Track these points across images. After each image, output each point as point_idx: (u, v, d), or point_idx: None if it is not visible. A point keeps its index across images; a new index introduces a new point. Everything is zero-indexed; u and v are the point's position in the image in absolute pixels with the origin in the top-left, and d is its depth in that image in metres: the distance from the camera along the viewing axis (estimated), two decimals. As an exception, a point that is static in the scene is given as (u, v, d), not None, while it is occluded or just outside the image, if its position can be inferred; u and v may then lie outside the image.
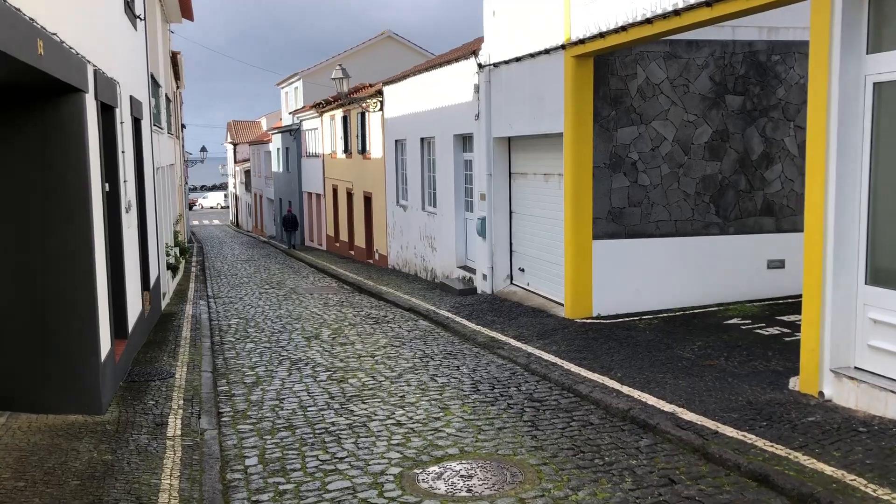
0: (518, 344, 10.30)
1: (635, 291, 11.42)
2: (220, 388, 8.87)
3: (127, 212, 9.82)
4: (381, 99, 22.75)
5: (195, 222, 63.00)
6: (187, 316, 14.18)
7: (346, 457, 6.40)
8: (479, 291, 15.20)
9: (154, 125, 14.89)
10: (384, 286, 17.97)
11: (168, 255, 17.06)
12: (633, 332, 10.28)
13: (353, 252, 28.09)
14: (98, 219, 7.42)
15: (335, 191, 30.47)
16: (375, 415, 7.56)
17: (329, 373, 9.45)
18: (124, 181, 9.68)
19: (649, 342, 9.61)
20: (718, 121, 11.47)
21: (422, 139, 19.04)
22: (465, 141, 16.50)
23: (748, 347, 8.95)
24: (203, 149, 48.55)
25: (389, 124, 21.96)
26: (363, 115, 25.28)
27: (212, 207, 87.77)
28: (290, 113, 39.95)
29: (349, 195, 28.20)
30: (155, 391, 8.21)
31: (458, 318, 12.64)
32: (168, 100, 20.74)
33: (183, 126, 43.39)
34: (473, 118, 14.95)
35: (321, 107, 31.02)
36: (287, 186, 39.58)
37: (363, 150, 25.50)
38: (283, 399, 8.29)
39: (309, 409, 7.88)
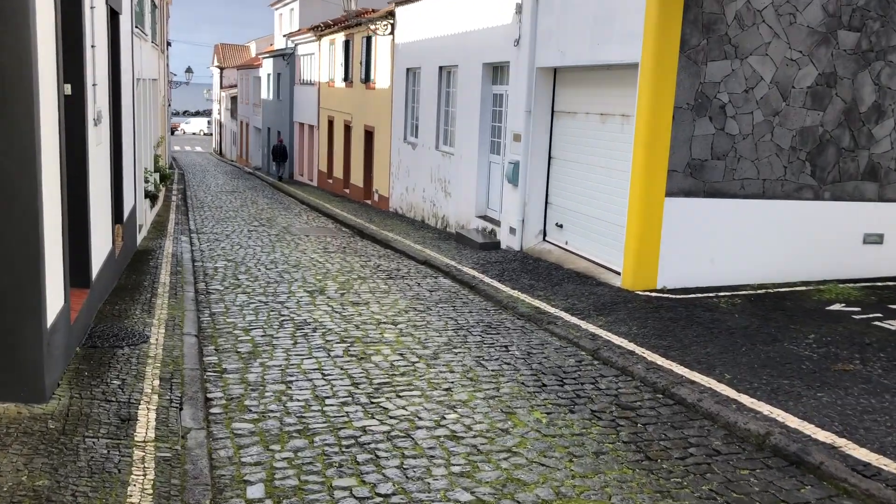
0: (573, 319, 8.40)
1: (709, 261, 9.53)
2: (206, 358, 6.92)
3: (96, 124, 7.69)
4: (391, 22, 20.38)
5: (176, 148, 60.12)
6: (167, 254, 12.12)
7: (393, 493, 4.49)
8: (503, 246, 13.25)
9: (137, 27, 12.59)
10: (389, 232, 15.96)
11: (147, 181, 14.89)
12: (716, 313, 8.41)
13: (348, 191, 25.96)
14: (49, 129, 5.33)
15: (331, 123, 28.15)
16: (419, 418, 5.65)
17: (345, 345, 7.51)
18: (93, 84, 7.52)
19: (745, 329, 7.74)
20: (826, 61, 9.44)
21: (440, 68, 16.81)
22: (496, 72, 14.33)
23: (882, 347, 7.11)
24: (189, 69, 45.60)
25: (401, 51, 19.65)
26: (369, 39, 22.88)
27: (194, 133, 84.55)
28: (284, 36, 37.18)
29: (347, 128, 25.92)
30: (122, 364, 6.23)
31: (486, 279, 10.71)
32: (154, 5, 18.27)
33: (168, 43, 40.51)
34: (512, 44, 12.78)
35: (320, 30, 28.48)
36: (277, 115, 37.08)
37: (367, 80, 23.17)
38: (291, 382, 6.35)
39: (328, 401, 5.94)
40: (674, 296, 9.24)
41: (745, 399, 5.88)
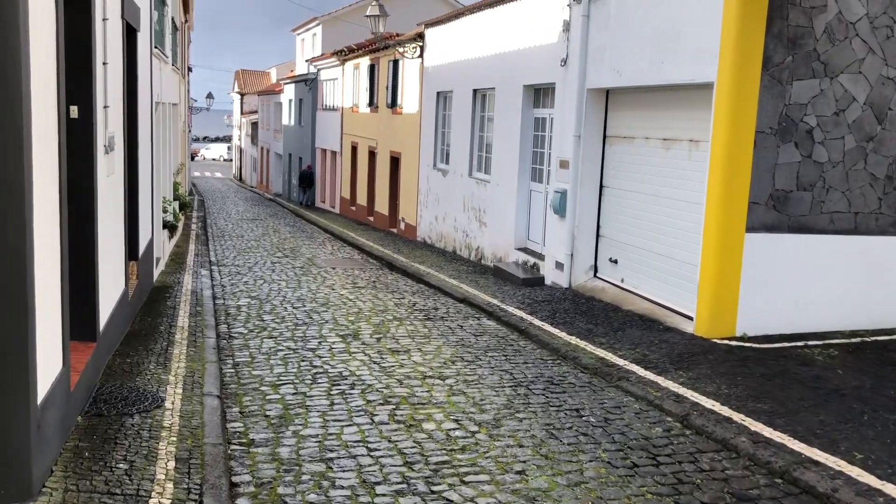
0: (648, 374, 7.32)
1: (794, 305, 8.43)
2: (231, 424, 5.90)
3: (107, 152, 6.77)
4: (420, 44, 19.54)
5: (196, 174, 59.77)
6: (185, 291, 11.18)
7: None
8: (548, 282, 12.20)
9: (156, 47, 11.77)
10: (420, 265, 14.96)
11: (165, 211, 14.02)
12: (814, 368, 7.30)
13: (372, 218, 25.04)
14: (46, 158, 4.39)
15: (354, 149, 27.32)
16: (495, 516, 4.59)
17: (390, 407, 6.47)
18: (105, 107, 6.61)
19: (858, 391, 6.63)
20: (926, 80, 8.40)
21: (475, 91, 15.89)
22: (538, 94, 13.38)
23: None
24: (209, 95, 45.19)
25: (430, 74, 18.78)
26: (396, 63, 22.07)
27: (214, 159, 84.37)
28: (306, 61, 36.58)
29: (371, 154, 25.06)
30: (131, 438, 5.21)
31: (536, 321, 9.66)
32: (175, 27, 17.54)
33: (189, 69, 40.08)
34: (558, 64, 11.82)
35: (343, 54, 27.76)
36: (298, 141, 36.39)
37: (393, 104, 22.33)
38: (332, 460, 5.31)
39: (378, 488, 4.89)
40: (757, 345, 8.14)
41: (893, 490, 4.77)
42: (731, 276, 8.29)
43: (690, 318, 8.90)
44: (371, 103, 24.92)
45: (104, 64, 6.48)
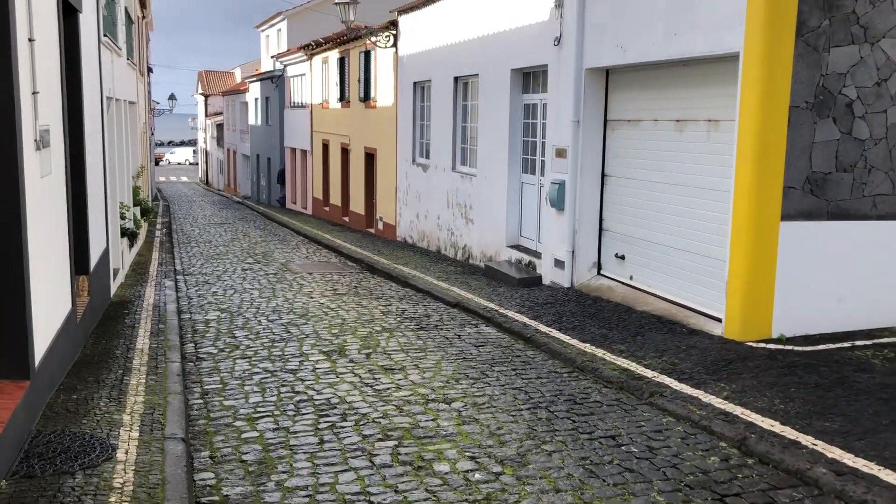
0: (684, 388, 6.34)
1: (836, 301, 7.52)
2: (199, 476, 4.80)
3: (39, 148, 5.62)
4: (394, 32, 18.45)
5: (161, 178, 58.10)
6: (147, 306, 10.01)
7: None
8: (547, 282, 11.21)
9: (106, 35, 10.56)
10: (404, 266, 13.89)
11: (124, 217, 12.80)
12: (875, 374, 6.37)
13: (347, 219, 23.91)
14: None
15: (326, 147, 26.16)
16: None
17: (391, 443, 5.41)
18: (34, 93, 5.47)
19: (935, 401, 5.71)
20: (973, 45, 7.52)
21: (455, 80, 14.85)
22: (527, 79, 12.37)
23: None
24: (172, 96, 43.69)
25: (406, 64, 17.71)
26: (367, 55, 20.97)
27: (179, 163, 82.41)
28: (272, 57, 35.27)
29: (344, 152, 23.92)
30: (69, 506, 4.11)
31: (542, 327, 8.66)
32: (130, 19, 16.28)
33: (150, 69, 38.53)
34: (551, 44, 10.82)
35: (311, 49, 26.58)
36: (266, 141, 35.10)
37: (366, 98, 21.22)
38: (327, 521, 4.25)
39: (390, 563, 3.85)
40: (799, 348, 7.20)
41: None
42: (764, 270, 7.35)
43: (717, 320, 7.95)
44: (342, 98, 23.78)
45: (30, 41, 5.34)
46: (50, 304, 5.92)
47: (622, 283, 9.97)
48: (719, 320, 7.88)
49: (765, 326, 7.44)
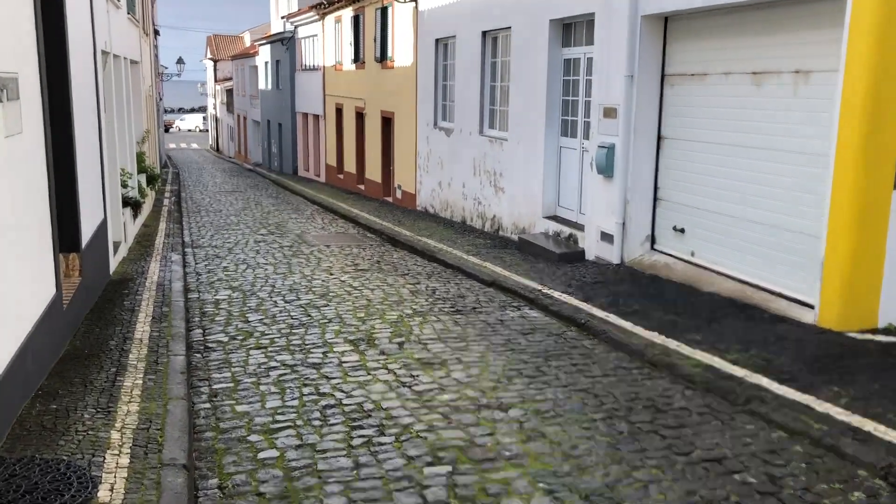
0: (788, 391, 5.26)
1: (953, 285, 6.38)
2: (204, 514, 3.79)
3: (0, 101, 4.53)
4: (414, -14, 17.16)
5: (171, 145, 57.05)
6: (150, 284, 8.98)
7: None
8: (591, 257, 10.10)
9: (97, -19, 9.40)
10: (429, 238, 12.81)
11: (125, 185, 11.74)
12: None
13: (362, 187, 22.78)
14: None
15: (339, 111, 24.94)
16: None
17: (443, 468, 4.36)
18: (-7, 31, 4.36)
19: None
20: None
21: (484, 34, 13.60)
22: (568, 31, 11.13)
23: None
24: (180, 60, 42.32)
25: (426, 19, 16.44)
26: (384, 11, 19.67)
27: (189, 130, 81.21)
28: (282, 18, 33.88)
29: (359, 116, 22.72)
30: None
31: (597, 311, 7.57)
32: (129, -28, 15.05)
33: (157, 32, 37.20)
34: (600, -11, 9.59)
35: (322, 7, 25.23)
36: (277, 106, 33.86)
37: (383, 58, 19.96)
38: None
39: None
40: (914, 340, 6.10)
41: None
42: (871, 247, 6.22)
43: (807, 305, 6.84)
44: (357, 59, 22.51)
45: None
46: (23, 291, 4.88)
47: (682, 259, 8.84)
48: (810, 306, 6.77)
49: (870, 314, 6.33)
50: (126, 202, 11.73)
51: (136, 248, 11.65)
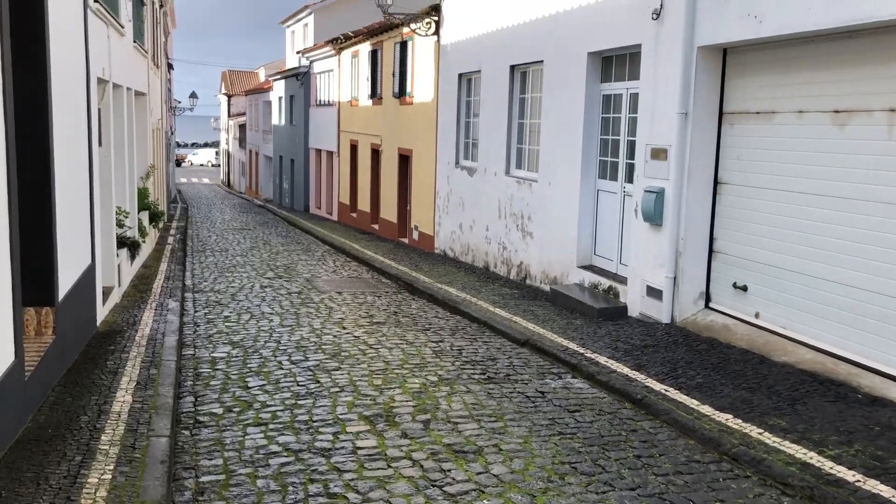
0: (922, 507, 4.16)
1: None
2: None
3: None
4: (435, 18, 16.37)
5: (183, 180, 56.61)
6: (140, 338, 7.97)
7: None
8: (635, 314, 9.04)
9: (98, 1, 8.53)
10: (449, 286, 11.78)
11: (122, 226, 10.80)
12: None
13: (376, 226, 21.83)
14: None
15: (354, 147, 24.13)
16: None
17: None
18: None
19: None
20: None
21: (512, 68, 12.71)
22: (608, 64, 10.21)
23: None
24: (193, 94, 41.90)
25: (449, 53, 15.62)
26: (403, 45, 18.91)
27: (202, 165, 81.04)
28: (297, 53, 33.37)
29: (375, 153, 21.87)
30: None
31: (654, 384, 6.51)
32: (142, 1, 14.32)
33: (170, 65, 36.77)
34: (648, 18, 8.66)
35: (339, 42, 24.58)
36: (290, 142, 33.17)
37: (401, 94, 19.14)
38: None
39: None
40: None
41: None
42: None
43: (913, 385, 5.75)
44: (374, 94, 21.72)
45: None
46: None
47: (744, 321, 7.76)
48: (917, 387, 5.68)
49: None
50: (122, 243, 10.78)
51: (131, 293, 10.67)
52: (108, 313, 9.11)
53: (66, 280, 6.56)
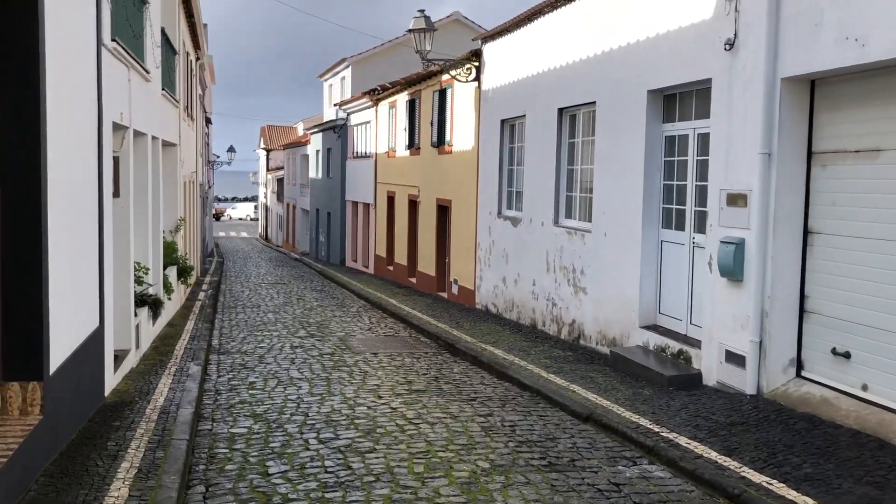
0: None
1: None
2: None
3: None
4: (476, 64, 15.65)
5: (221, 234, 56.65)
6: (151, 411, 7.05)
7: None
8: (712, 383, 7.90)
9: (116, 40, 7.88)
10: (493, 346, 10.75)
11: (141, 283, 10.01)
12: None
13: (414, 280, 20.94)
14: None
15: (391, 199, 23.42)
16: None
17: None
18: None
19: None
20: None
21: (560, 111, 11.84)
22: (670, 103, 9.27)
23: None
24: (231, 148, 41.92)
25: (491, 99, 14.84)
26: (442, 93, 18.24)
27: (241, 219, 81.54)
28: (334, 105, 33.10)
29: (412, 204, 21.10)
30: None
31: (750, 475, 5.39)
32: (172, 49, 13.86)
33: (209, 120, 36.77)
34: (720, 49, 7.72)
35: (376, 93, 24.10)
36: (326, 194, 32.67)
37: (440, 143, 18.40)
38: None
39: None
40: None
41: None
42: None
43: None
44: (411, 145, 21.06)
45: None
46: None
47: (848, 394, 6.59)
48: None
49: None
50: (143, 301, 9.99)
51: (150, 356, 9.82)
52: (121, 381, 8.24)
53: (61, 348, 5.70)
